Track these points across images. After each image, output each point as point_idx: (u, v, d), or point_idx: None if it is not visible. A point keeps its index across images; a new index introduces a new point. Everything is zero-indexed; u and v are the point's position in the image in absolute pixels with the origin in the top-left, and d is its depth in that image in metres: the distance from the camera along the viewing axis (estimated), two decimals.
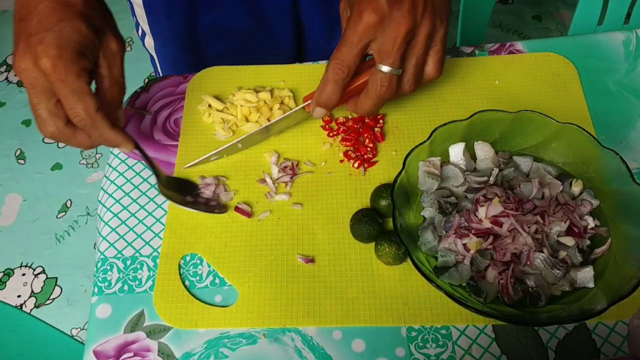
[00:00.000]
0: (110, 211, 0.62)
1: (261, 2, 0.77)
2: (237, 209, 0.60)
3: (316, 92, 0.55)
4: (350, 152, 0.64)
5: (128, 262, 0.59)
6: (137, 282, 0.58)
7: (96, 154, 1.70)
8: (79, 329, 1.41)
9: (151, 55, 0.86)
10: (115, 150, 0.67)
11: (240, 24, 0.79)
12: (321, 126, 0.67)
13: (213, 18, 0.78)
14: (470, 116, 0.57)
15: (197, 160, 0.63)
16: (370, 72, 0.53)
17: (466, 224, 0.53)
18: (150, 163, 0.59)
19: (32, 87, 0.48)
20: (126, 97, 0.71)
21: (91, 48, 0.49)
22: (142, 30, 0.83)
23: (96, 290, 0.58)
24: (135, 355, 0.54)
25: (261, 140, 0.65)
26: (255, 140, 0.64)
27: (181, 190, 0.61)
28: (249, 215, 0.60)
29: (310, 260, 0.57)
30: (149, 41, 0.83)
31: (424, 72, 0.54)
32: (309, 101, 0.58)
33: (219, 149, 0.62)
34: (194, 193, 0.61)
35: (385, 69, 0.51)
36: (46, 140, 1.73)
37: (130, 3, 0.80)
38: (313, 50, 0.88)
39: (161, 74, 0.87)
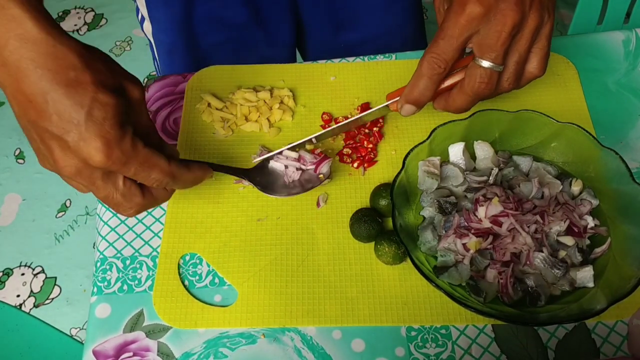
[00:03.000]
0: (110, 211, 0.62)
1: None
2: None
3: (407, 87, 0.52)
4: (350, 153, 0.64)
5: (127, 262, 0.59)
6: (136, 282, 0.58)
7: None
8: (78, 329, 1.41)
9: (150, 42, 0.86)
10: None
11: (237, 15, 0.79)
12: (321, 126, 0.67)
13: (209, 7, 0.78)
14: (470, 116, 0.57)
15: (269, 154, 0.59)
16: (463, 70, 0.51)
17: (466, 223, 0.53)
18: (234, 171, 0.57)
19: (92, 184, 0.43)
20: None
21: (125, 111, 0.43)
22: (142, 15, 0.83)
23: (95, 290, 0.58)
24: (134, 355, 0.54)
25: (332, 136, 0.64)
26: (327, 136, 0.62)
27: (270, 179, 0.58)
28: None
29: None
30: (147, 26, 0.83)
31: (525, 69, 0.51)
32: (394, 99, 0.55)
33: (293, 144, 0.60)
34: (279, 175, 0.59)
35: (486, 64, 0.48)
36: None
37: None
38: (316, 45, 0.88)
39: (158, 61, 0.87)
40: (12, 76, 0.39)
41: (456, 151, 0.58)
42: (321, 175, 0.58)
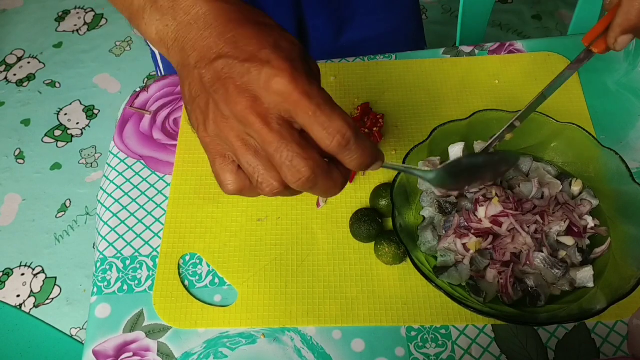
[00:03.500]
0: (110, 211, 0.62)
1: None
2: None
3: (619, 17, 0.46)
4: None
5: (127, 262, 0.59)
6: (136, 282, 0.58)
7: (95, 153, 1.69)
8: (79, 329, 1.41)
9: (152, 50, 0.86)
10: (115, 150, 0.67)
11: None
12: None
13: None
14: (470, 116, 0.57)
15: (491, 140, 0.55)
16: None
17: (466, 223, 0.53)
18: (408, 170, 0.47)
19: (266, 123, 0.36)
20: (126, 97, 0.72)
21: (309, 64, 0.41)
22: None
23: (95, 290, 0.58)
24: (134, 355, 0.54)
25: (534, 111, 0.56)
26: (529, 112, 0.55)
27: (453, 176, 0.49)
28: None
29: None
30: None
31: None
32: (596, 39, 0.49)
33: (497, 135, 0.55)
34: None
35: None
36: (45, 139, 1.73)
37: None
38: (318, 48, 0.88)
39: (161, 68, 0.87)
40: (198, 26, 0.39)
41: (456, 151, 0.58)
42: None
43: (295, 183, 0.38)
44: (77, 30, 1.98)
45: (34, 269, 1.51)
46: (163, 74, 0.87)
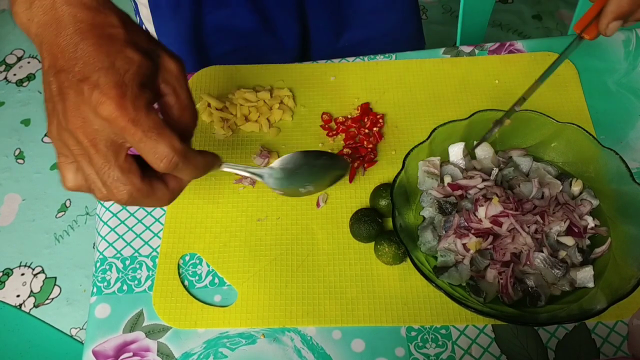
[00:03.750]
0: (109, 211, 0.62)
1: (267, 1, 0.77)
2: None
3: (610, 5, 0.48)
4: (350, 153, 0.64)
5: (127, 262, 0.59)
6: (136, 282, 0.58)
7: None
8: (78, 329, 1.41)
9: None
10: None
11: (246, 23, 0.79)
12: (320, 126, 0.66)
13: (218, 17, 0.77)
14: (470, 116, 0.57)
15: (484, 137, 0.57)
16: None
17: (466, 223, 0.53)
18: (247, 170, 0.51)
19: (93, 145, 0.39)
20: None
21: (150, 76, 0.42)
22: (146, 29, 0.83)
23: (95, 290, 0.58)
24: (134, 355, 0.54)
25: (537, 88, 0.58)
26: (532, 92, 0.57)
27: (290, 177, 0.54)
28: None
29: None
30: None
31: None
32: (587, 26, 0.51)
33: (503, 118, 0.56)
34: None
35: None
36: (45, 139, 1.73)
37: (135, 3, 0.80)
38: (318, 49, 0.88)
39: None
40: (51, 30, 0.40)
41: (456, 151, 0.58)
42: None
43: (116, 201, 0.41)
44: None
45: (33, 269, 1.51)
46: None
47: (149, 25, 0.81)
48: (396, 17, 0.85)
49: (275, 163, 0.53)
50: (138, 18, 0.82)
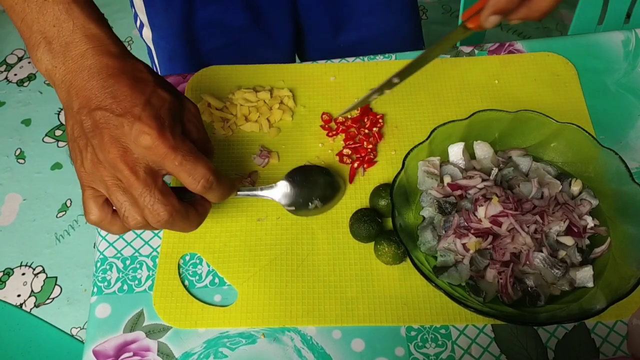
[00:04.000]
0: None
1: None
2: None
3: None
4: (350, 153, 0.64)
5: (127, 262, 0.59)
6: (136, 282, 0.58)
7: None
8: (79, 329, 1.41)
9: (149, 48, 0.86)
10: None
11: (238, 19, 0.79)
12: (320, 126, 0.67)
13: (210, 12, 0.78)
14: (470, 116, 0.57)
15: (354, 104, 0.59)
16: None
17: (465, 223, 0.53)
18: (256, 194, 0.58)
19: (134, 172, 0.43)
20: None
21: (179, 114, 0.47)
22: (140, 22, 0.83)
23: (95, 290, 0.58)
24: (134, 355, 0.54)
25: (414, 73, 0.59)
26: (409, 73, 0.58)
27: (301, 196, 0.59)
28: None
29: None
30: (147, 33, 0.83)
31: None
32: (472, 16, 0.54)
33: (375, 88, 0.58)
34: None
35: None
36: (46, 139, 1.74)
37: None
38: (315, 47, 0.88)
39: (158, 67, 0.87)
40: (82, 76, 0.44)
41: (456, 151, 0.58)
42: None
43: (154, 223, 0.45)
44: None
45: (34, 269, 1.51)
46: (158, 67, 0.87)
47: (143, 17, 0.81)
48: (393, 19, 0.85)
49: (282, 181, 0.59)
50: (133, 10, 0.83)
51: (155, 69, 0.88)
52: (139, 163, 0.43)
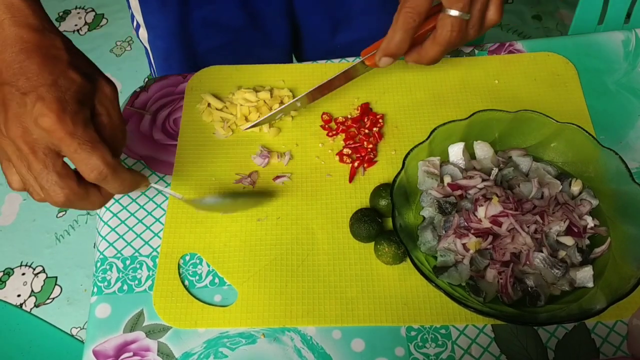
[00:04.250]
0: (110, 211, 0.62)
1: None
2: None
3: (384, 42, 0.55)
4: (350, 153, 0.64)
5: (127, 262, 0.59)
6: (136, 282, 0.58)
7: None
8: (79, 329, 1.41)
9: (145, 48, 0.86)
10: None
11: (234, 19, 0.79)
12: (320, 126, 0.67)
13: (206, 12, 0.78)
14: (470, 116, 0.57)
15: (258, 120, 0.63)
16: (432, 19, 0.54)
17: (465, 223, 0.53)
18: (169, 193, 0.57)
19: (32, 152, 0.44)
20: (126, 97, 0.72)
21: (88, 96, 0.46)
22: (137, 22, 0.83)
23: (95, 290, 0.58)
24: (134, 355, 0.54)
25: (316, 99, 0.65)
26: (311, 99, 0.64)
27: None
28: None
29: None
30: (143, 33, 0.83)
31: (485, 17, 0.55)
32: (370, 54, 0.58)
33: (279, 108, 0.63)
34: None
35: (454, 13, 0.52)
36: None
37: None
38: (313, 47, 0.88)
39: (154, 67, 0.87)
40: None
41: (456, 151, 0.58)
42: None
43: (53, 204, 0.46)
44: (78, 30, 1.98)
45: (34, 269, 1.51)
46: (156, 74, 0.87)
47: (139, 17, 0.81)
48: (389, 19, 0.85)
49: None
50: (130, 10, 0.83)
51: (152, 70, 0.88)
52: (38, 143, 0.44)
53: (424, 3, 0.52)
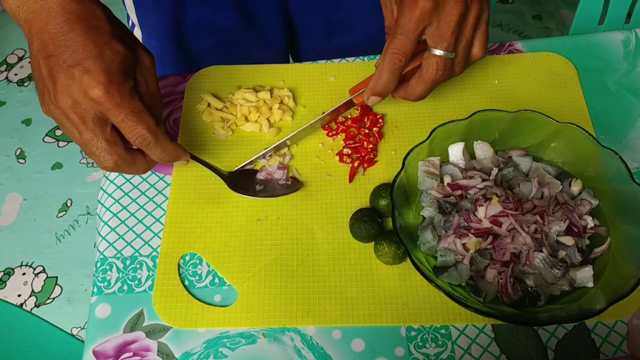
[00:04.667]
0: (110, 211, 0.62)
1: None
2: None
3: (372, 81, 0.56)
4: (350, 153, 0.64)
5: (127, 262, 0.59)
6: (136, 282, 0.58)
7: None
8: (80, 328, 1.41)
9: None
10: None
11: (228, 19, 0.79)
12: (320, 126, 0.67)
13: (200, 12, 0.78)
14: (470, 116, 0.57)
15: (248, 161, 0.63)
16: (418, 58, 0.54)
17: (465, 223, 0.53)
18: (209, 166, 0.60)
19: (83, 122, 0.46)
20: None
21: (131, 66, 0.48)
22: (132, 22, 0.83)
23: (95, 290, 0.58)
24: (134, 355, 0.54)
25: (307, 136, 0.66)
26: (302, 136, 0.65)
27: (247, 182, 0.62)
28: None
29: None
30: (137, 33, 0.83)
31: (470, 53, 0.56)
32: (358, 93, 0.60)
33: (269, 148, 0.63)
34: (256, 180, 0.62)
35: (439, 52, 0.52)
36: (46, 139, 1.74)
37: None
38: (310, 48, 0.88)
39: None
40: (41, 18, 0.45)
41: (456, 151, 0.58)
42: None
43: (103, 168, 0.50)
44: None
45: (35, 269, 1.51)
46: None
47: (133, 17, 0.81)
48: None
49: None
50: (126, 10, 0.82)
51: None
52: (87, 113, 0.46)
53: (409, 44, 0.52)
